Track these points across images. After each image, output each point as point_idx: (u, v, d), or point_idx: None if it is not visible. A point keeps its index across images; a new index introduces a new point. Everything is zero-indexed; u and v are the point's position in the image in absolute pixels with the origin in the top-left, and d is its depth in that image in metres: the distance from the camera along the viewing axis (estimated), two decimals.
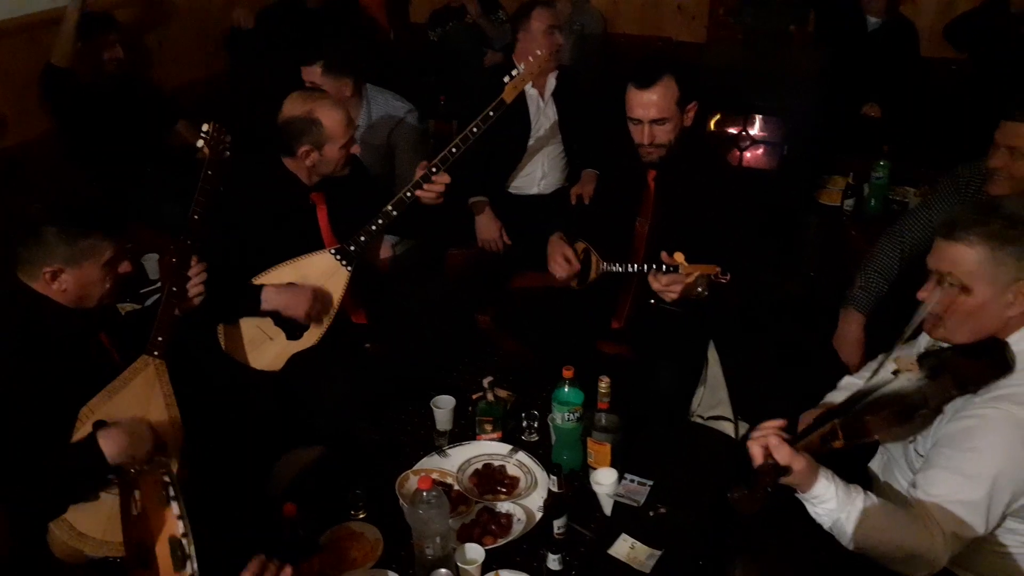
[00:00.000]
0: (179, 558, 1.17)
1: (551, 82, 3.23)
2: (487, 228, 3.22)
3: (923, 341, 1.78)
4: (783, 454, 1.48)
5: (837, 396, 1.92)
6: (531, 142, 3.25)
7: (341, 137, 2.36)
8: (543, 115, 3.25)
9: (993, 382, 1.53)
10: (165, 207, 3.31)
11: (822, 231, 3.24)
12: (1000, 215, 1.54)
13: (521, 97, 2.90)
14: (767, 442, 1.50)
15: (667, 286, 2.24)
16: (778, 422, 1.57)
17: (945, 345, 1.66)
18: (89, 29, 3.35)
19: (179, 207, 2.22)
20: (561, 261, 2.47)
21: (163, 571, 1.17)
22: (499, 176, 3.31)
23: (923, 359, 1.61)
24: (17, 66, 3.38)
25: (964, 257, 1.54)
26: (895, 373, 1.59)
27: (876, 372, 1.66)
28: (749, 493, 1.45)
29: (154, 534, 1.28)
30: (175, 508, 1.21)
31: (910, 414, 1.51)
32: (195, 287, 2.06)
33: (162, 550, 1.21)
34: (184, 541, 1.18)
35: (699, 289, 2.27)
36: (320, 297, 2.36)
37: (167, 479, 1.27)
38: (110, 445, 1.64)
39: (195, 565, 1.16)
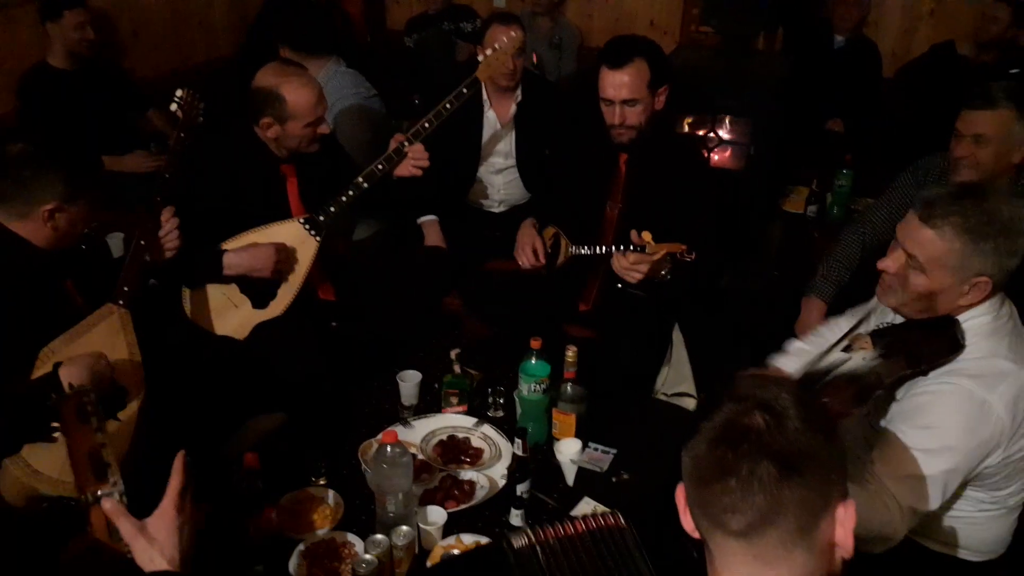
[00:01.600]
0: (100, 469, 1.14)
1: (512, 107, 3.02)
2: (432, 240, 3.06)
3: (874, 319, 1.80)
4: None
5: (785, 361, 1.94)
6: (482, 162, 3.10)
7: (306, 116, 2.32)
8: (499, 138, 3.08)
9: (945, 360, 1.54)
10: (132, 190, 3.30)
11: (786, 234, 3.31)
12: (981, 209, 1.49)
13: (478, 115, 2.93)
14: None
15: (633, 264, 2.26)
16: None
17: (893, 320, 1.68)
18: (56, 6, 3.33)
19: (147, 190, 2.22)
20: (528, 252, 2.49)
21: (88, 489, 1.15)
22: (457, 191, 3.17)
23: (876, 337, 1.60)
24: None
25: (933, 244, 1.51)
26: (847, 351, 1.60)
27: (831, 349, 1.67)
28: None
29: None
30: (93, 422, 1.20)
31: (867, 395, 1.51)
32: (169, 237, 2.05)
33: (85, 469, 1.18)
34: (103, 451, 1.16)
35: (663, 272, 2.31)
36: (285, 254, 2.32)
37: (85, 400, 1.25)
38: (71, 378, 1.62)
39: (117, 474, 1.14)
